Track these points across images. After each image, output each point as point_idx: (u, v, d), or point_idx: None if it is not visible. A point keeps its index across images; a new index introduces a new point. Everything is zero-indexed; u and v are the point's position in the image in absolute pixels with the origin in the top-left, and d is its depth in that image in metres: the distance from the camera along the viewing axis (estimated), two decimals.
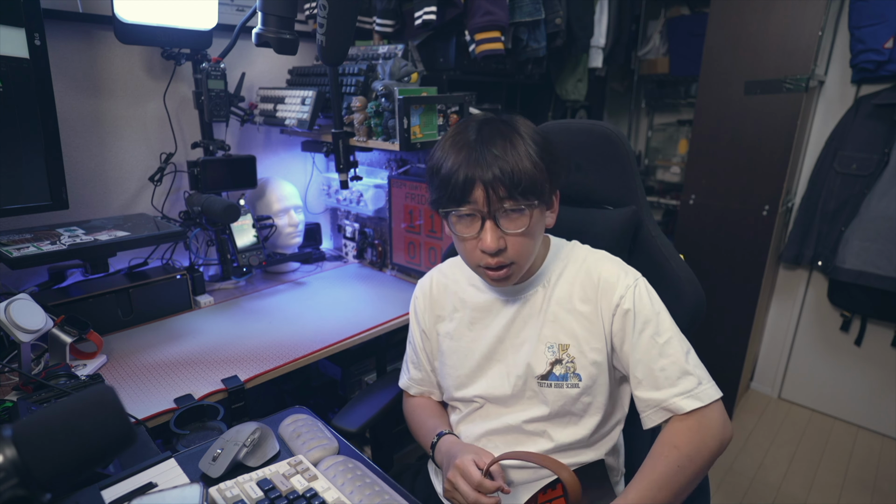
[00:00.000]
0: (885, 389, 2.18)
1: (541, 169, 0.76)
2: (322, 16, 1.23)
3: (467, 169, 0.74)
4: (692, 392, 0.76)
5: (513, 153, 0.74)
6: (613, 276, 0.82)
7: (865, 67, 2.00)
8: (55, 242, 1.17)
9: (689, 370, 0.78)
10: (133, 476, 0.71)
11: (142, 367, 1.15)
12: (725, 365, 2.29)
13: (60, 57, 1.34)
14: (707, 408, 0.76)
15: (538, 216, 0.79)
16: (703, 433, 0.75)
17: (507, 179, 0.73)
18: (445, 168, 0.76)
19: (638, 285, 0.82)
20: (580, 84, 2.31)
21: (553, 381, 0.84)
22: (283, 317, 1.42)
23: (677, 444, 0.74)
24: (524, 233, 0.77)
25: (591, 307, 0.83)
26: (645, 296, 0.81)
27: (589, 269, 0.85)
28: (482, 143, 0.75)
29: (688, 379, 0.77)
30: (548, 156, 0.78)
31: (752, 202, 2.08)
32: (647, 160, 2.97)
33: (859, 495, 1.90)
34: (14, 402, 0.89)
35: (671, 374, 0.77)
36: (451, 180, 0.75)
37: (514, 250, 0.78)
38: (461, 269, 0.96)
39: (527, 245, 0.79)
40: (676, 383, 0.77)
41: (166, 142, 1.58)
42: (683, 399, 0.76)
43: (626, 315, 0.80)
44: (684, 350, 0.79)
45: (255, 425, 0.79)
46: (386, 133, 1.42)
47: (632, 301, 0.80)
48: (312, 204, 2.01)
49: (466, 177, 0.74)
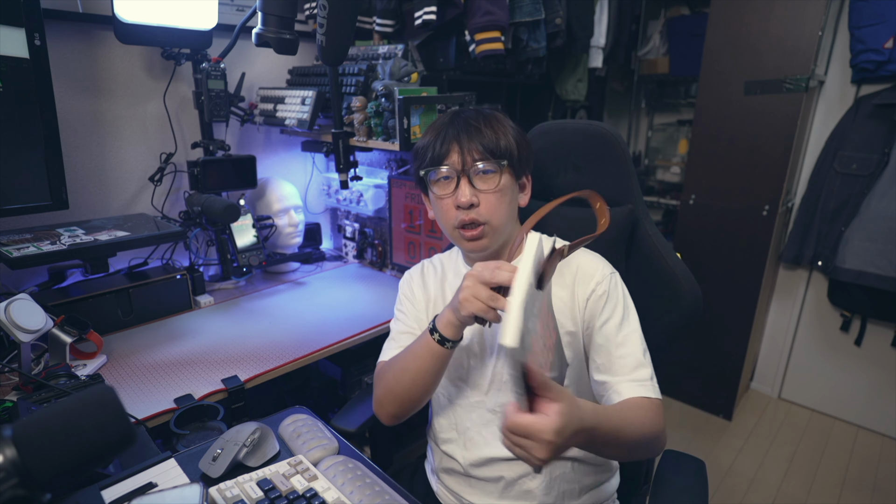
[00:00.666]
0: (885, 389, 2.18)
1: (511, 140, 0.85)
2: (322, 16, 1.23)
3: (445, 135, 0.85)
4: (647, 383, 0.79)
5: (486, 124, 0.85)
6: (591, 266, 0.86)
7: (865, 67, 2.00)
8: (55, 242, 1.17)
9: (645, 364, 0.81)
10: (133, 476, 0.71)
11: (142, 367, 1.15)
12: (725, 365, 2.29)
13: (60, 57, 1.34)
14: (657, 404, 0.78)
15: (510, 181, 0.86)
16: (659, 420, 0.78)
17: (479, 142, 0.83)
18: (425, 141, 0.87)
19: (615, 276, 0.86)
20: (580, 84, 2.31)
21: None
22: (283, 317, 1.42)
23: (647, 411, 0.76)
24: (496, 190, 0.84)
25: (567, 292, 0.85)
26: (620, 287, 0.86)
27: (568, 259, 0.85)
28: (459, 117, 0.87)
29: (643, 370, 0.80)
30: (521, 138, 0.88)
31: (752, 202, 2.08)
32: (647, 160, 2.97)
33: (859, 495, 1.90)
34: (14, 402, 0.89)
35: (629, 363, 0.80)
36: (430, 147, 0.86)
37: (487, 208, 0.84)
38: (449, 260, 1.00)
39: (499, 204, 0.84)
40: (633, 372, 0.80)
41: (166, 142, 1.58)
42: (639, 386, 0.78)
43: (599, 299, 0.83)
44: (643, 347, 0.83)
45: (255, 425, 0.79)
46: (386, 133, 1.42)
47: (606, 287, 0.84)
48: (312, 204, 2.01)
49: (444, 140, 0.84)
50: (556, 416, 0.56)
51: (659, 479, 0.86)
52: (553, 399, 0.57)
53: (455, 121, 0.86)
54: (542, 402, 0.58)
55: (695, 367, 2.37)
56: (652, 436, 0.76)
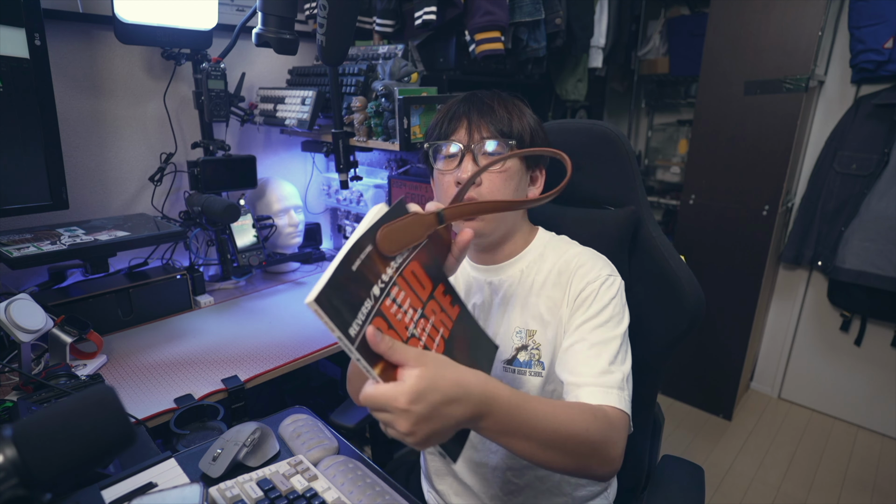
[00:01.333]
0: (885, 389, 2.18)
1: (525, 124, 0.80)
2: (322, 16, 1.23)
3: (456, 111, 0.81)
4: (612, 391, 0.69)
5: (501, 105, 0.80)
6: (591, 266, 0.80)
7: (865, 67, 2.00)
8: (55, 242, 1.17)
9: (613, 371, 0.71)
10: (133, 476, 0.71)
11: (142, 367, 1.15)
12: (725, 365, 2.29)
13: (60, 57, 1.34)
14: (615, 416, 0.67)
15: (520, 166, 0.81)
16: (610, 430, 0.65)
17: (490, 119, 0.79)
18: (438, 117, 0.83)
19: (611, 279, 0.79)
20: (580, 84, 2.31)
21: (517, 368, 0.82)
22: (283, 317, 1.42)
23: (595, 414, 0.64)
24: (501, 171, 0.79)
25: (560, 292, 0.80)
26: (613, 292, 0.77)
27: (569, 259, 0.83)
28: (474, 96, 0.83)
29: (611, 377, 0.70)
30: (537, 126, 0.83)
31: (752, 202, 2.08)
32: (647, 160, 2.97)
33: (859, 495, 1.90)
34: (14, 402, 0.89)
35: (597, 365, 0.71)
36: (440, 121, 0.82)
37: (489, 189, 0.78)
38: None
39: (503, 187, 0.79)
40: (599, 376, 0.70)
41: (166, 142, 1.58)
42: (600, 391, 0.69)
43: (586, 299, 0.77)
44: (618, 356, 0.73)
45: (255, 425, 0.79)
46: (386, 133, 1.42)
47: (597, 288, 0.77)
48: (312, 204, 2.01)
49: (454, 114, 0.80)
50: (412, 380, 0.49)
51: (655, 485, 0.86)
52: (410, 364, 0.51)
53: (469, 98, 0.82)
54: (399, 371, 0.51)
55: (695, 367, 2.37)
56: (590, 445, 0.62)
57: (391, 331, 0.54)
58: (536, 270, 0.84)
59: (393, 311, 0.55)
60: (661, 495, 0.83)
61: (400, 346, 0.51)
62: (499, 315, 0.86)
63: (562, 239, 0.89)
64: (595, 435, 0.62)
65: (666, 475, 0.87)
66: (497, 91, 0.85)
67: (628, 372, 0.73)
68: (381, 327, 0.52)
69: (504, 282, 0.86)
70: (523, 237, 0.87)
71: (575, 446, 0.61)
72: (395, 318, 0.55)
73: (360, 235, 0.53)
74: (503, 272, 0.86)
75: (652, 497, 0.83)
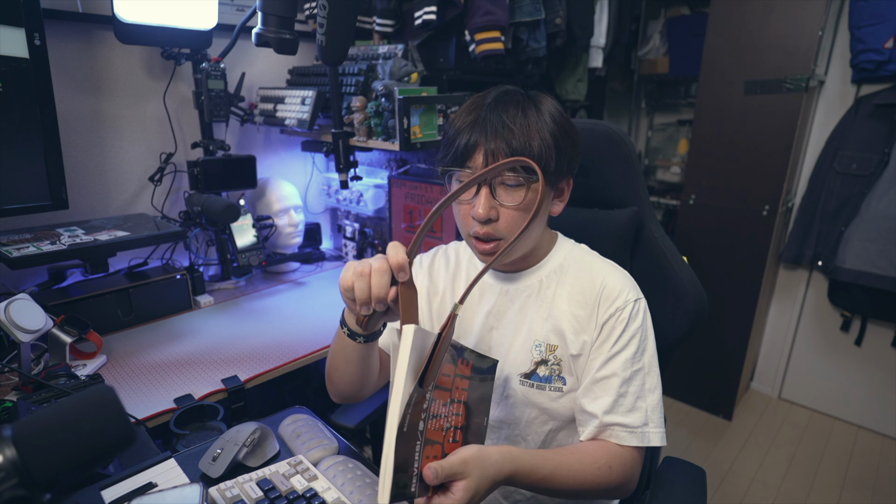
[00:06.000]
0: (885, 389, 2.18)
1: (549, 147, 0.72)
2: (322, 16, 1.23)
3: (473, 132, 0.73)
4: (637, 430, 0.75)
5: (523, 125, 0.72)
6: (617, 288, 0.79)
7: (865, 67, 2.00)
8: (55, 242, 1.17)
9: (640, 409, 0.76)
10: (133, 476, 0.71)
11: (142, 367, 1.15)
12: (725, 365, 2.29)
13: (60, 57, 1.34)
14: (632, 454, 0.75)
15: (537, 195, 0.73)
16: (629, 472, 0.75)
17: (509, 151, 0.71)
18: (455, 127, 0.76)
19: (640, 304, 0.79)
20: (580, 84, 2.31)
21: (535, 382, 0.81)
22: (283, 317, 1.42)
23: (611, 466, 0.73)
24: (518, 207, 0.73)
25: (586, 312, 0.79)
26: (641, 317, 0.79)
27: (594, 275, 0.81)
28: (495, 109, 0.73)
29: (635, 415, 0.75)
30: (564, 137, 0.75)
31: (752, 202, 2.08)
32: (647, 160, 2.97)
33: (859, 495, 1.90)
34: (14, 402, 0.89)
35: (627, 402, 0.76)
36: (456, 141, 0.74)
37: (505, 224, 0.74)
38: (466, 251, 0.92)
39: (519, 222, 0.74)
40: (624, 415, 0.75)
41: (166, 142, 1.58)
42: (624, 432, 0.75)
43: (616, 325, 0.77)
44: (651, 386, 0.77)
45: (255, 425, 0.79)
46: (386, 133, 1.42)
47: (628, 315, 0.77)
48: (312, 204, 2.01)
49: (470, 140, 0.73)
50: (460, 493, 0.58)
51: (657, 487, 0.86)
52: (456, 478, 0.59)
53: (490, 111, 0.73)
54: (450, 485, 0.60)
55: (695, 367, 2.36)
56: (607, 490, 0.73)
57: (435, 446, 0.60)
58: (557, 282, 0.82)
59: (434, 428, 0.60)
60: (662, 497, 0.83)
61: (445, 471, 0.58)
62: (515, 324, 0.83)
63: (582, 249, 0.87)
64: (615, 481, 0.73)
65: (668, 477, 0.87)
66: (524, 96, 0.76)
67: (656, 401, 0.77)
68: (429, 455, 0.59)
69: (522, 291, 0.83)
70: (543, 245, 0.84)
71: (593, 492, 0.72)
72: (434, 430, 0.60)
73: (401, 393, 0.56)
74: (520, 280, 0.84)
75: (654, 499, 0.83)
